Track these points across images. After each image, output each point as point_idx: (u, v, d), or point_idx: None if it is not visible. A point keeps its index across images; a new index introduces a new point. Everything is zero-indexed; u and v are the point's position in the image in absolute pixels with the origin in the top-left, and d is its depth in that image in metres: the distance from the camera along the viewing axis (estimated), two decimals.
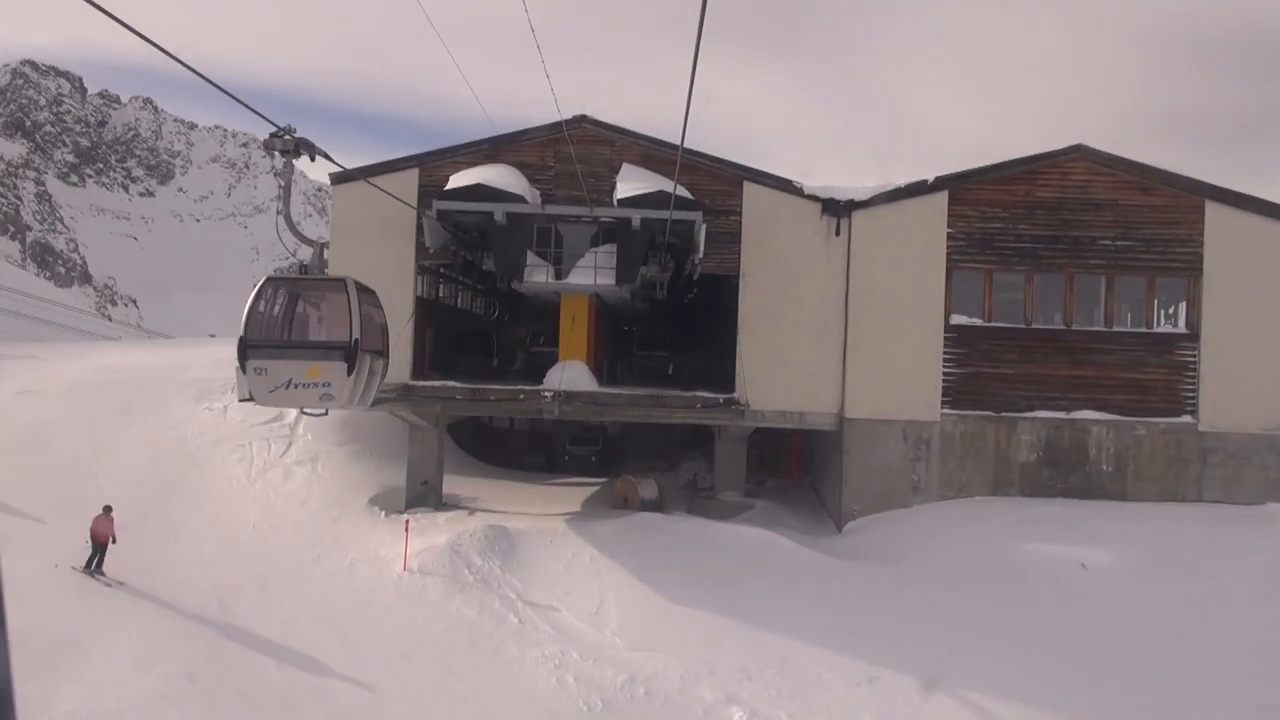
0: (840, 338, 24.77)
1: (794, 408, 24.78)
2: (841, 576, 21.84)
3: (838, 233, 24.61)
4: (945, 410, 24.65)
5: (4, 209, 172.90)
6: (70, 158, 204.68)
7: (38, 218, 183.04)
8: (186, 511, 25.79)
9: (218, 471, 28.39)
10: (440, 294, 32.68)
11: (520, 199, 22.50)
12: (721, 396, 24.18)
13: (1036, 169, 24.76)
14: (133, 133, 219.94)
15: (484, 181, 22.61)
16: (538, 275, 23.80)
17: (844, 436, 24.70)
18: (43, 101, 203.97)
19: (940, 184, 24.63)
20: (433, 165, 24.64)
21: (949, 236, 24.69)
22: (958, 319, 24.79)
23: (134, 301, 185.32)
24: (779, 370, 24.69)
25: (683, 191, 23.00)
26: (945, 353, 24.68)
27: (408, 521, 22.97)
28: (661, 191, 22.44)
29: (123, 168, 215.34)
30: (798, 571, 22.00)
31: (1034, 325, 24.88)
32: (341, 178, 24.49)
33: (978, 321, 24.90)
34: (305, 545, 24.37)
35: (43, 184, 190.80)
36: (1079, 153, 24.65)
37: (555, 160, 24.72)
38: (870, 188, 24.70)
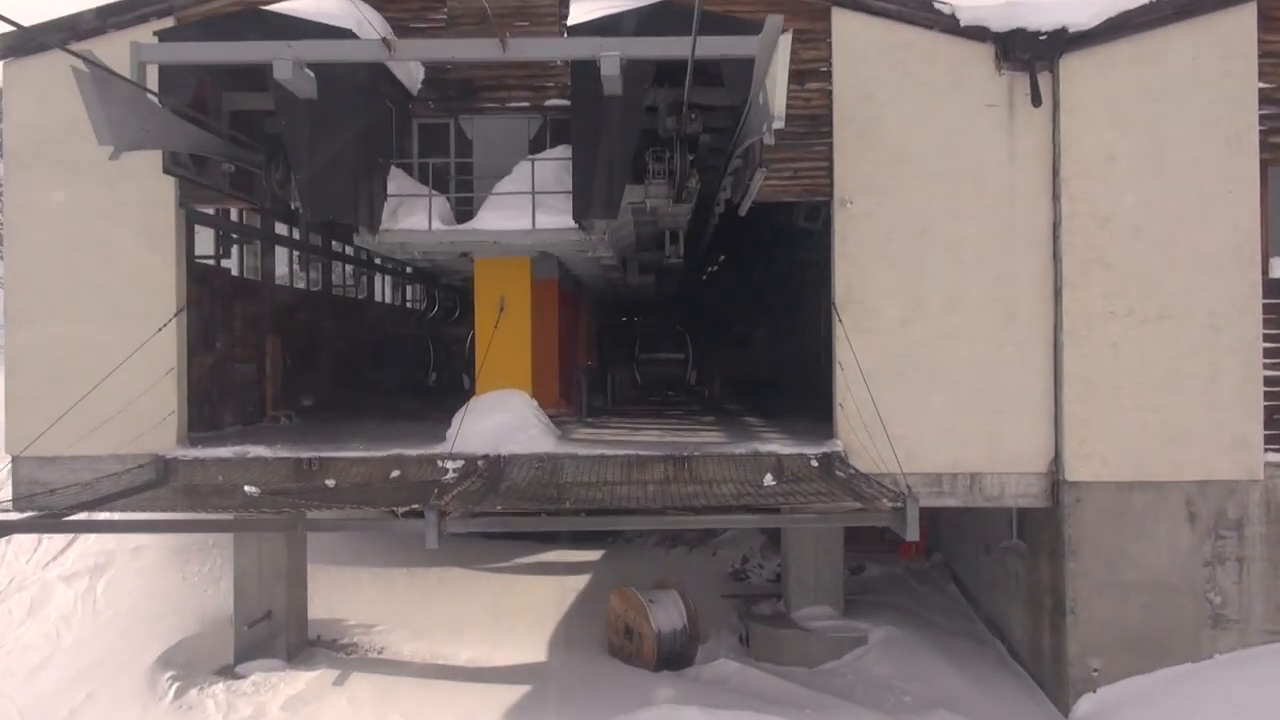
0: (1046, 319, 12.16)
1: (955, 466, 12.18)
2: None
3: (1035, 100, 11.97)
4: (1273, 456, 11.98)
5: None
6: None
7: None
8: None
9: None
10: (320, 274, 20.46)
11: (345, 34, 9.96)
12: (814, 452, 11.62)
13: None
14: None
15: (266, 6, 10.08)
16: (410, 218, 11.37)
17: (1063, 519, 12.08)
18: None
19: None
20: (203, 4, 12.08)
21: (1263, 98, 11.98)
22: None
23: None
24: (922, 391, 12.13)
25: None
26: (1267, 338, 12.01)
27: None
28: (664, 4, 9.91)
29: None
30: None
31: None
32: (13, 48, 12.12)
33: None
34: None
35: None
36: None
37: None
38: (1101, 7, 11.98)
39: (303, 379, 18.58)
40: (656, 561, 19.60)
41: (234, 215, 17.51)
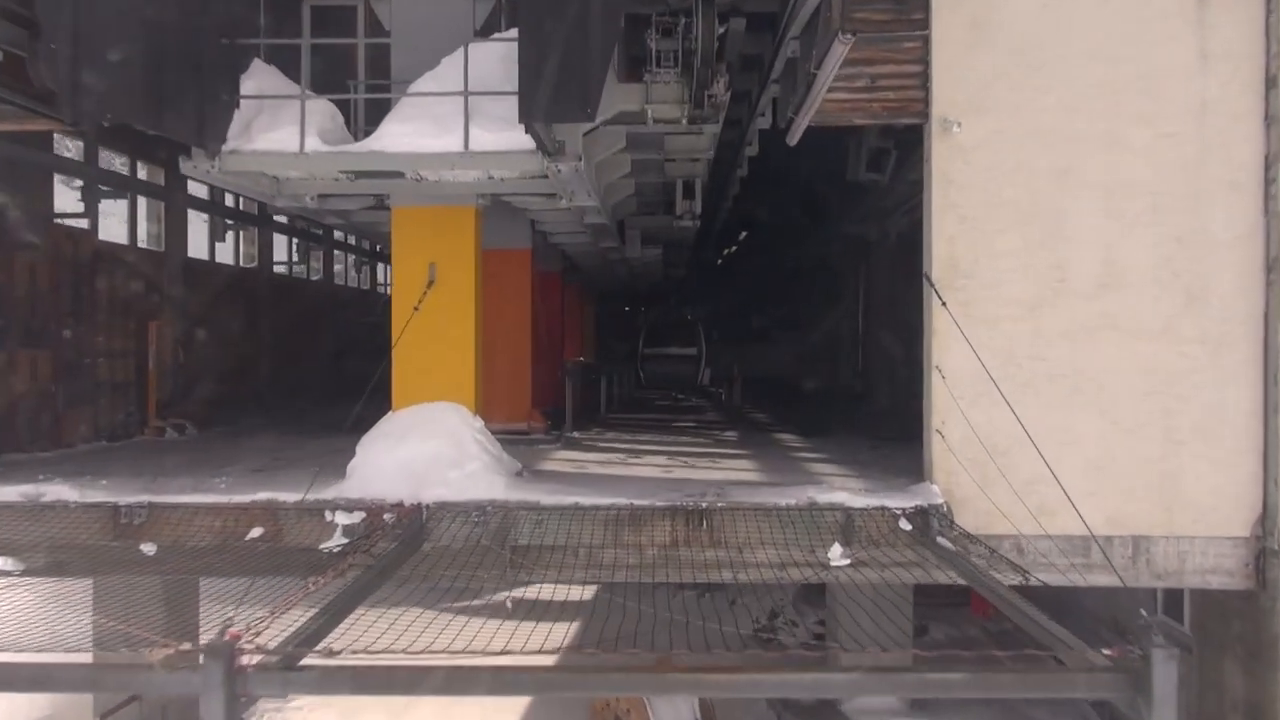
0: (1254, 303, 8.06)
1: (1111, 526, 8.09)
2: None
3: None
4: None
5: None
6: None
7: None
8: None
9: None
10: (257, 248, 16.65)
11: None
12: (900, 506, 7.60)
13: None
14: None
15: None
16: (272, 133, 7.38)
17: (1275, 609, 8.02)
18: None
19: None
20: None
21: None
22: None
23: None
24: (1061, 412, 8.06)
25: None
26: None
27: None
28: None
29: None
30: None
31: None
32: None
33: None
34: None
35: None
36: None
37: None
38: None
39: (218, 378, 14.65)
40: (657, 611, 15.59)
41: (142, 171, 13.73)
